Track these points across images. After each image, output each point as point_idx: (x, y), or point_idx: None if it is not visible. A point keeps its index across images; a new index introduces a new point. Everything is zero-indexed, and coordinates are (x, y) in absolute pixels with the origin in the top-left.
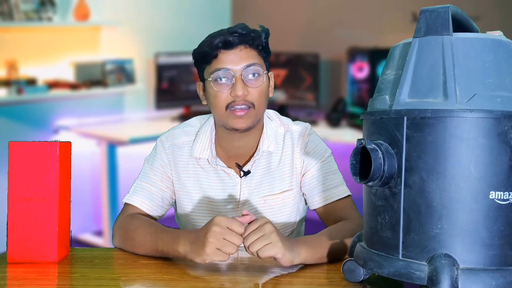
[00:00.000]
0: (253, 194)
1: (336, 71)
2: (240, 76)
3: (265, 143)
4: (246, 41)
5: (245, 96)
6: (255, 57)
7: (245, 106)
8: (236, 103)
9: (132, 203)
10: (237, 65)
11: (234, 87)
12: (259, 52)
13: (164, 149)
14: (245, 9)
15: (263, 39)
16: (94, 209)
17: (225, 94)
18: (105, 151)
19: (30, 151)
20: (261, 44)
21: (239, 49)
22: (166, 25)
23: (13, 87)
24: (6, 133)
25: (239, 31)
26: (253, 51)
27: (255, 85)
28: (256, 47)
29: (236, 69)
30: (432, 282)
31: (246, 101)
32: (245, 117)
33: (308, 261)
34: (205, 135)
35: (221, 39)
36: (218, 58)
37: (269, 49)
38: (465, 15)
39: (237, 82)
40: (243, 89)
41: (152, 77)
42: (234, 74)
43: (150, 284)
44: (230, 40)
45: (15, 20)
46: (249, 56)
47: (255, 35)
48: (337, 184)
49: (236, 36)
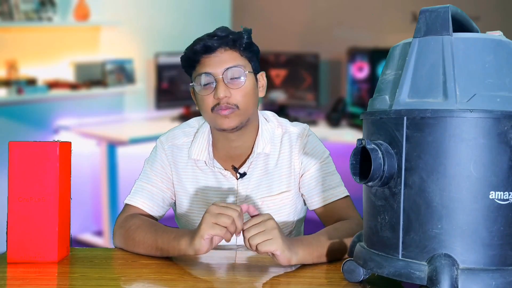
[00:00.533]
0: (251, 196)
1: (336, 71)
2: (221, 79)
3: (260, 145)
4: (226, 43)
5: (228, 98)
6: (236, 59)
7: (229, 107)
8: (220, 105)
9: (133, 203)
10: (218, 67)
11: (216, 90)
12: (242, 53)
13: (164, 150)
14: (245, 9)
15: (245, 40)
16: (94, 209)
17: (209, 97)
18: (105, 151)
19: (30, 151)
20: (242, 45)
21: (220, 52)
22: (166, 25)
23: (13, 87)
24: (6, 133)
25: (218, 34)
26: (234, 53)
27: (237, 86)
28: (238, 49)
29: (216, 72)
30: (432, 282)
31: (228, 103)
32: (230, 117)
33: (305, 261)
34: (203, 137)
35: (200, 45)
36: (201, 63)
37: (254, 49)
38: (465, 15)
39: (219, 85)
40: (225, 91)
41: (152, 77)
42: (215, 77)
43: (150, 284)
44: (209, 45)
45: (15, 20)
46: (230, 58)
47: (234, 36)
48: (335, 185)
49: (215, 40)
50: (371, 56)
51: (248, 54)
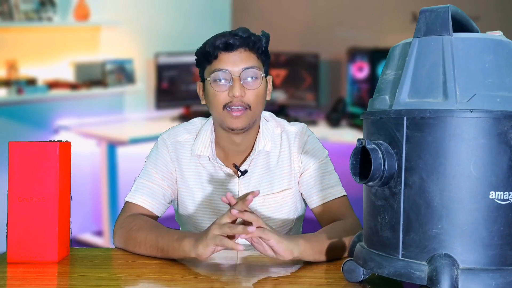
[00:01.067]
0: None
1: (336, 71)
2: (238, 78)
3: (261, 142)
4: (247, 44)
5: (242, 97)
6: (254, 60)
7: (242, 107)
8: (233, 103)
9: (134, 201)
10: (236, 66)
11: (232, 88)
12: (259, 56)
13: (166, 146)
14: (245, 9)
15: (263, 44)
16: (94, 209)
17: (223, 94)
18: (105, 151)
19: (30, 151)
20: (261, 48)
21: (239, 51)
22: (166, 25)
23: (13, 87)
24: (6, 133)
25: (240, 34)
26: (252, 55)
27: (253, 87)
28: (256, 51)
29: (235, 71)
30: (432, 282)
31: (242, 102)
32: (241, 118)
33: (307, 254)
34: (206, 134)
35: (222, 41)
36: (219, 59)
37: (268, 54)
38: (465, 15)
39: (235, 83)
40: (241, 90)
41: (152, 77)
42: (233, 76)
43: (150, 284)
44: (231, 42)
45: (15, 20)
46: (248, 59)
47: (255, 39)
48: (333, 184)
49: (237, 39)
50: (371, 56)
51: (263, 58)
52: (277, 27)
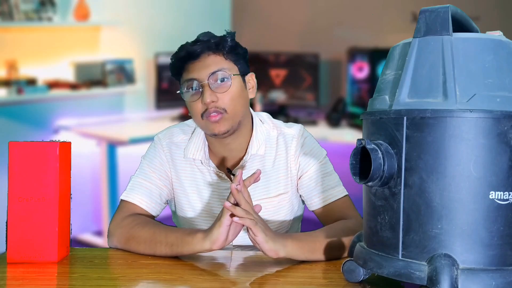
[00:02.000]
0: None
1: (336, 71)
2: (206, 84)
3: (254, 146)
4: (209, 48)
5: (215, 103)
6: (221, 63)
7: (216, 112)
8: (208, 110)
9: (130, 200)
10: (202, 73)
11: (202, 96)
12: (226, 57)
13: (162, 146)
14: (245, 9)
15: (229, 43)
16: (94, 209)
17: (197, 103)
18: (105, 151)
19: (30, 151)
20: (225, 48)
21: (204, 57)
22: (166, 25)
23: (13, 87)
24: (6, 133)
25: (200, 39)
26: (218, 57)
27: (223, 89)
28: (221, 52)
29: (202, 77)
30: (432, 282)
31: (216, 107)
32: (220, 122)
33: (295, 254)
34: (199, 137)
35: (184, 51)
36: (186, 70)
37: (238, 51)
38: (465, 15)
39: (204, 90)
40: (211, 96)
41: (152, 77)
42: (201, 83)
43: (150, 284)
44: (192, 50)
45: (15, 20)
46: (214, 62)
47: (217, 40)
48: (334, 185)
49: (198, 45)
50: (371, 56)
51: (233, 57)
52: (277, 27)
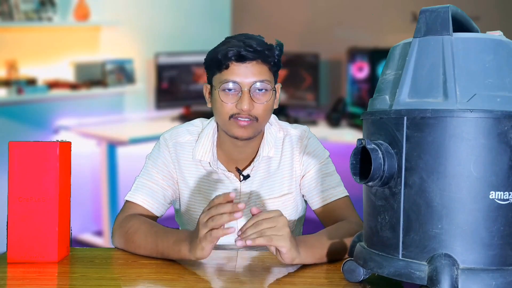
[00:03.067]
0: (253, 198)
1: (336, 71)
2: (248, 91)
3: (265, 148)
4: (260, 57)
5: (250, 111)
6: (265, 73)
7: (249, 119)
8: (240, 115)
9: (134, 201)
10: (247, 79)
11: (241, 101)
12: (271, 68)
13: (167, 147)
14: (245, 9)
15: (277, 55)
16: (94, 209)
17: (230, 105)
18: (105, 151)
19: (30, 151)
20: (274, 60)
21: (251, 64)
22: (166, 25)
23: (13, 87)
24: (6, 133)
25: (254, 46)
26: (264, 67)
27: (262, 100)
28: (269, 63)
29: (245, 83)
30: (432, 282)
31: (250, 115)
32: (247, 127)
33: (307, 261)
34: (207, 138)
35: (235, 52)
36: (229, 69)
37: (280, 63)
38: (465, 15)
39: (244, 96)
40: (249, 104)
41: (152, 77)
42: (242, 88)
43: (150, 284)
44: (244, 55)
45: (15, 20)
46: (260, 71)
47: (269, 52)
48: (335, 185)
49: (251, 52)
50: (371, 56)
51: (275, 69)
52: (277, 27)
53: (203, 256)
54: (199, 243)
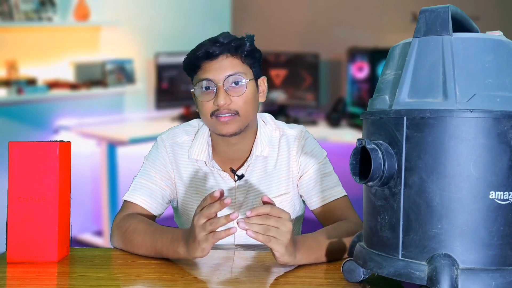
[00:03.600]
0: (249, 198)
1: (336, 71)
2: (222, 86)
3: (258, 147)
4: (228, 50)
5: (228, 105)
6: (238, 66)
7: (229, 114)
8: (220, 111)
9: (132, 200)
10: (219, 75)
11: (217, 97)
12: (244, 60)
13: (164, 147)
14: (245, 9)
15: (247, 47)
16: (94, 209)
17: (209, 103)
18: (105, 151)
19: (30, 151)
20: (244, 51)
21: (221, 58)
22: (166, 25)
23: (13, 87)
24: (6, 133)
25: (220, 40)
26: (236, 60)
27: (238, 93)
28: (240, 55)
29: (218, 79)
30: (432, 282)
31: (229, 109)
32: (230, 123)
33: (302, 263)
34: (203, 137)
35: (203, 50)
36: (202, 69)
37: (256, 55)
38: (465, 15)
39: (219, 92)
40: (225, 98)
41: (152, 77)
42: (216, 84)
43: (150, 284)
44: (211, 51)
45: (15, 20)
46: (231, 65)
47: (237, 43)
48: (333, 185)
49: (218, 46)
50: (371, 56)
51: (249, 61)
52: (277, 27)
53: (202, 256)
54: (198, 245)
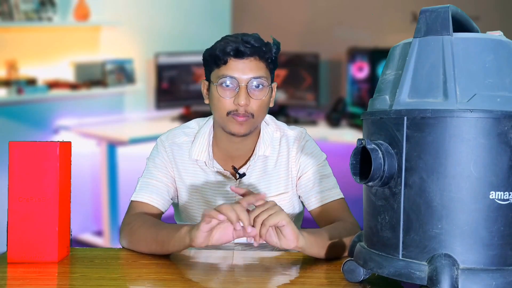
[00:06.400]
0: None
1: (336, 71)
2: (245, 86)
3: (261, 147)
4: (258, 53)
5: (247, 106)
6: (262, 70)
7: (245, 116)
8: (237, 112)
9: (140, 199)
10: (244, 75)
11: (238, 96)
12: (267, 65)
13: (164, 147)
14: (245, 9)
15: (274, 53)
16: (94, 209)
17: (228, 100)
18: (105, 151)
19: (30, 151)
20: (271, 57)
21: (249, 60)
22: (166, 25)
23: (13, 87)
24: (6, 133)
25: (252, 42)
26: (262, 64)
27: (258, 97)
28: (266, 60)
29: (242, 79)
30: (432, 282)
31: (246, 111)
32: (244, 124)
33: (311, 246)
34: (203, 137)
35: (233, 47)
36: (228, 65)
37: (277, 62)
38: (465, 15)
39: (241, 92)
40: (246, 99)
41: (152, 77)
42: (240, 84)
43: (150, 284)
44: (242, 50)
45: (15, 20)
46: (257, 68)
47: (266, 48)
48: (331, 187)
49: (249, 47)
50: (371, 56)
51: (271, 66)
52: (277, 27)
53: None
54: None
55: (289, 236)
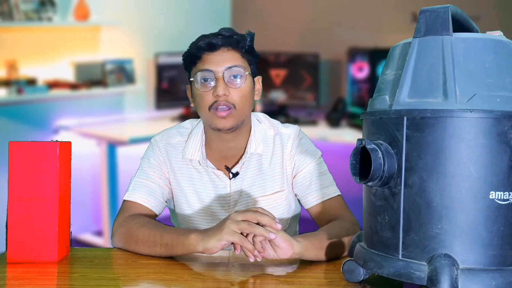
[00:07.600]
0: (244, 196)
1: (336, 71)
2: (221, 77)
3: (252, 145)
4: (229, 43)
5: (226, 97)
6: (238, 59)
7: (226, 107)
8: (218, 103)
9: (133, 200)
10: (219, 66)
11: (216, 87)
12: (243, 55)
13: (158, 148)
14: (245, 9)
15: (248, 42)
16: (94, 209)
17: (208, 94)
18: (105, 151)
19: (30, 151)
20: (244, 47)
21: (222, 51)
22: (166, 25)
23: (13, 87)
24: (6, 133)
25: (223, 33)
26: (236, 54)
27: (236, 85)
28: (240, 50)
29: (218, 70)
30: (432, 282)
31: (227, 101)
32: (227, 118)
33: (307, 251)
34: (196, 137)
35: (205, 41)
36: (202, 60)
37: (255, 53)
38: (465, 15)
39: (219, 83)
40: (224, 89)
41: (152, 77)
42: (216, 75)
43: (150, 284)
44: (214, 42)
45: (15, 20)
46: (232, 58)
47: (238, 38)
48: (328, 184)
49: (220, 38)
50: (371, 56)
51: (249, 57)
52: (277, 27)
53: (214, 248)
54: (219, 233)
55: (282, 245)
